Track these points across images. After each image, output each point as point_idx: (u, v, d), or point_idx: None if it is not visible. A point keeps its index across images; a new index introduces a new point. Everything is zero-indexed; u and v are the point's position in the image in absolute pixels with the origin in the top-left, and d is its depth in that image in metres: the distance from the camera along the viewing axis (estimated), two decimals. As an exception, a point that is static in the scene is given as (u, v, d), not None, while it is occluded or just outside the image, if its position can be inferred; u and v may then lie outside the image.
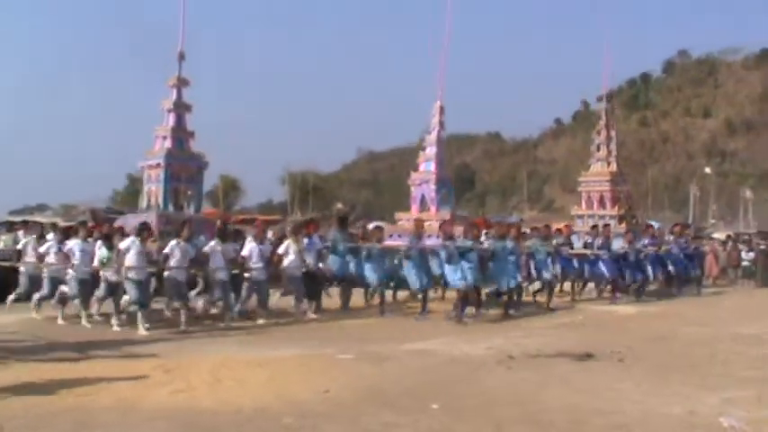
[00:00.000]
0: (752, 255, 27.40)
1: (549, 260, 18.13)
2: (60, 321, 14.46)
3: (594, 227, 21.97)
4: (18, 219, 26.52)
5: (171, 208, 18.19)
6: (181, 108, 19.08)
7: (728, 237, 32.11)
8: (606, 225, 22.46)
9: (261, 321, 14.81)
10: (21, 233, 17.99)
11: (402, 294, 18.22)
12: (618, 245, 20.58)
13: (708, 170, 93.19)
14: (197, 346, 11.91)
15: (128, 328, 13.61)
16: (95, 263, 14.02)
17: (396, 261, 16.87)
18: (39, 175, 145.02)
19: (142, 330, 13.19)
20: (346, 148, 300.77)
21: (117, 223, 19.46)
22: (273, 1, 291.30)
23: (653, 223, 35.88)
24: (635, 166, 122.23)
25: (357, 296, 17.60)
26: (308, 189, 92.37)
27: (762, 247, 27.72)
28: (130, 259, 13.44)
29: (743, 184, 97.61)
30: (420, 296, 16.33)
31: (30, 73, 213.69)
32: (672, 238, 22.22)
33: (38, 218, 29.97)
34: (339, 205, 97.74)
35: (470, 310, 15.46)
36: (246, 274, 15.33)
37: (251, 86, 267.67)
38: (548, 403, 8.12)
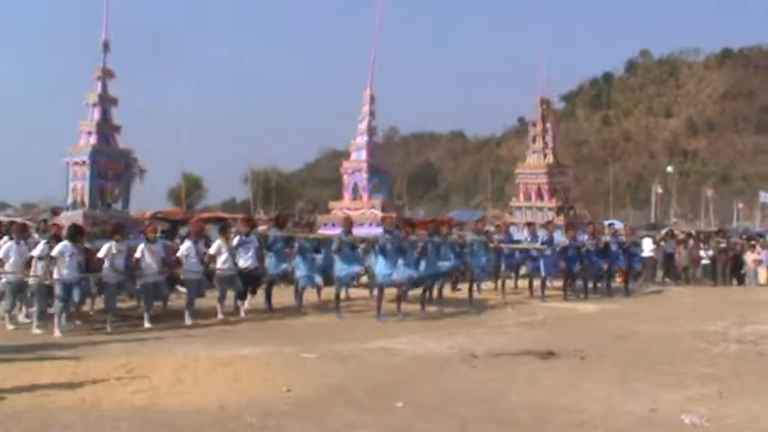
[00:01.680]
0: (710, 253, 27.52)
1: (483, 253, 18.09)
2: (9, 327, 14.10)
3: (531, 224, 21.85)
4: None
5: (98, 206, 17.79)
6: (106, 102, 18.49)
7: (689, 235, 32.31)
8: (549, 221, 22.44)
9: (188, 322, 14.47)
10: None
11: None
12: (557, 238, 20.56)
13: (670, 169, 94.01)
14: (159, 346, 11.81)
15: (82, 331, 13.52)
16: (35, 253, 13.71)
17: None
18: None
19: (57, 333, 12.95)
20: (309, 146, 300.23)
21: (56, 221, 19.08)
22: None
23: (615, 222, 36.14)
24: (597, 164, 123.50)
25: (310, 294, 17.46)
26: (270, 187, 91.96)
27: (722, 245, 27.92)
28: (63, 263, 13.21)
29: (704, 182, 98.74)
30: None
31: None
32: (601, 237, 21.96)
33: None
34: (302, 204, 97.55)
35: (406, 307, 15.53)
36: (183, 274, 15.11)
37: (214, 85, 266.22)
38: (512, 401, 8.15)
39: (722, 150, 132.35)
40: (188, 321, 14.44)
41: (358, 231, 17.11)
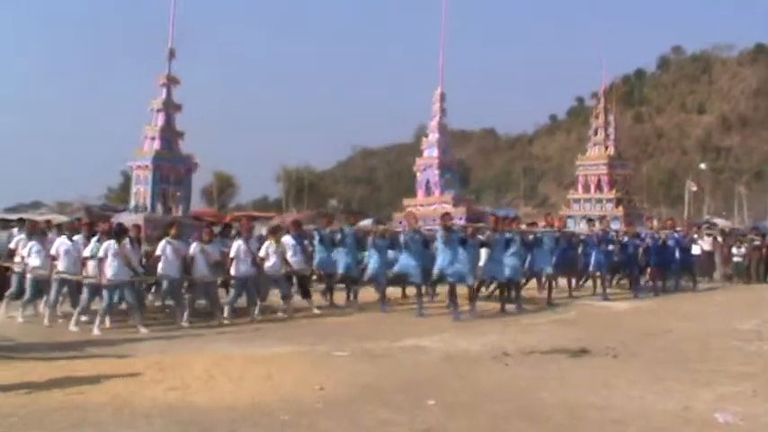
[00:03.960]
0: (743, 251, 27.15)
1: (551, 252, 18.03)
2: (46, 323, 14.20)
3: (591, 220, 21.81)
4: (13, 216, 26.29)
5: (159, 209, 18.07)
6: (170, 108, 18.75)
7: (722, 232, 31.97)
8: (603, 216, 22.36)
9: (257, 317, 14.93)
10: (15, 230, 17.73)
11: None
12: (616, 227, 20.52)
13: (703, 166, 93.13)
14: (192, 344, 11.90)
15: (117, 328, 13.64)
16: (86, 253, 13.89)
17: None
18: (33, 172, 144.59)
19: (96, 331, 13.05)
20: (341, 145, 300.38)
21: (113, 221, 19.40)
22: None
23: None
24: (629, 161, 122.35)
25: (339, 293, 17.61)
26: (302, 186, 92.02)
27: (756, 243, 27.59)
28: (108, 262, 13.34)
29: (737, 180, 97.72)
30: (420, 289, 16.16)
31: (23, 68, 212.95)
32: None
33: (32, 215, 29.85)
34: (334, 202, 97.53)
35: (464, 304, 15.39)
36: (233, 273, 15.25)
37: (246, 83, 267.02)
38: (544, 399, 8.13)
39: (756, 147, 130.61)
40: (249, 316, 14.95)
41: (431, 226, 17.29)
